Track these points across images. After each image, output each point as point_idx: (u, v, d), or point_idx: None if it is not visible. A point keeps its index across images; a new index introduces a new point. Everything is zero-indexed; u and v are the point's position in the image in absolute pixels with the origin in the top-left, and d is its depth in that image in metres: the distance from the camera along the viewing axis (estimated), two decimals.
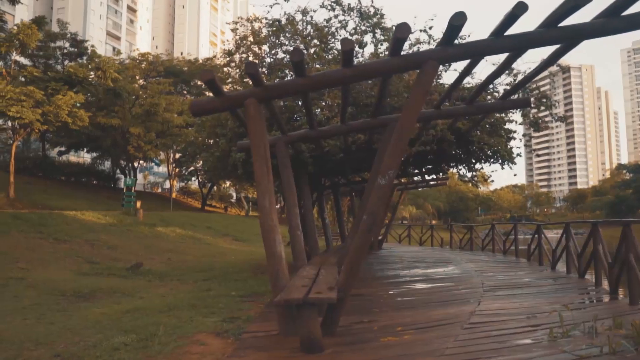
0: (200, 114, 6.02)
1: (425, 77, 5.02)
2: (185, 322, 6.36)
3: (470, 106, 7.75)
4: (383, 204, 5.17)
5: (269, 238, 5.48)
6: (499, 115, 11.33)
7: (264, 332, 5.54)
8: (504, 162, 11.87)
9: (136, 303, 8.35)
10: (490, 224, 20.51)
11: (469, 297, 7.65)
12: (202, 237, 23.78)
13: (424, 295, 8.25)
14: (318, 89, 5.74)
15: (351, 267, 5.23)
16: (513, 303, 7.04)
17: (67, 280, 10.62)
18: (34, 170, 34.94)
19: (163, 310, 7.33)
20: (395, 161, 5.09)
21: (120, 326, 6.31)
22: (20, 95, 21.69)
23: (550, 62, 5.86)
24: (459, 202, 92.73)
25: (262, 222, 5.54)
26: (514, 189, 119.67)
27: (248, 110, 5.59)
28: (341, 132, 8.64)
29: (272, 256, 5.44)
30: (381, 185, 5.10)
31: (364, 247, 5.22)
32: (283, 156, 8.56)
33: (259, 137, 5.59)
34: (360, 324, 5.89)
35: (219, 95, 5.79)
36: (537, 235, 13.29)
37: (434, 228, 27.48)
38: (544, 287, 8.75)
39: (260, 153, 5.57)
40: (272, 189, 5.57)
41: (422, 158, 13.24)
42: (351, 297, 8.08)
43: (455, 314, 6.32)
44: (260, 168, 5.55)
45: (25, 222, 15.84)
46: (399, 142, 5.07)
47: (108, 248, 15.84)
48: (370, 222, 5.14)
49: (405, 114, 5.07)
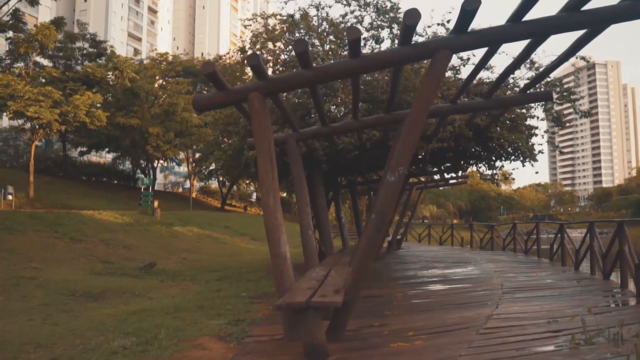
0: (203, 109, 5.80)
1: (437, 67, 4.72)
2: (189, 324, 6.16)
3: (488, 100, 7.40)
4: (392, 202, 4.88)
5: (273, 238, 5.23)
6: (520, 110, 10.94)
7: (269, 337, 5.31)
8: (525, 159, 11.46)
9: (144, 304, 8.19)
10: (511, 223, 20.02)
11: (486, 300, 7.31)
12: (220, 236, 23.69)
13: (440, 297, 7.94)
14: (325, 82, 5.48)
15: (359, 269, 4.96)
16: (533, 306, 6.69)
17: (78, 280, 10.54)
18: (55, 170, 35.32)
19: (169, 312, 7.15)
20: (405, 157, 4.80)
21: (123, 328, 6.13)
22: (38, 95, 21.85)
23: (574, 51, 5.49)
24: (480, 201, 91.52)
25: (266, 221, 5.30)
26: (537, 188, 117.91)
27: (252, 105, 5.36)
28: (354, 129, 8.35)
29: (276, 256, 5.19)
30: (390, 183, 4.82)
31: (372, 247, 4.94)
32: (294, 153, 8.32)
33: (263, 132, 5.35)
34: (370, 328, 5.62)
35: (222, 89, 5.56)
36: (560, 234, 12.85)
37: (455, 227, 27.07)
38: (567, 289, 8.36)
39: (264, 149, 5.32)
40: (276, 187, 5.32)
41: (440, 156, 12.89)
42: (364, 298, 7.83)
43: (471, 318, 6.01)
44: (264, 164, 5.31)
45: (42, 222, 15.88)
46: (409, 137, 4.78)
47: (123, 248, 15.79)
48: (379, 221, 4.86)
49: (415, 107, 4.78)
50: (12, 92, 21.62)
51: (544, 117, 11.21)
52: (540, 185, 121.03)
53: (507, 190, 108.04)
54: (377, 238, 4.92)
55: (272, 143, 5.41)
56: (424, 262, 14.46)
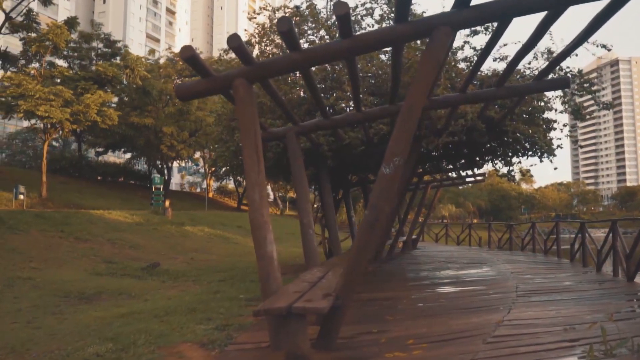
0: (187, 98, 5.38)
1: (436, 46, 4.22)
2: (175, 329, 5.75)
3: (500, 89, 6.86)
4: (389, 196, 4.40)
5: (259, 236, 4.79)
6: (537, 103, 10.34)
7: (254, 344, 4.87)
8: (543, 154, 10.86)
9: (137, 306, 7.83)
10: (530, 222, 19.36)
11: (498, 304, 6.78)
12: (231, 236, 23.35)
13: (449, 301, 7.41)
14: (315, 65, 5.04)
15: (352, 271, 4.48)
16: (549, 311, 6.15)
17: (76, 281, 10.23)
18: (70, 170, 35.41)
19: (159, 315, 6.75)
20: (402, 146, 4.31)
21: (106, 333, 5.75)
22: (49, 95, 21.74)
23: (593, 29, 4.95)
24: (501, 201, 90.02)
25: (252, 218, 4.87)
26: (559, 187, 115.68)
27: (237, 92, 4.92)
28: (357, 121, 7.87)
29: (262, 257, 4.75)
30: (385, 175, 4.34)
31: (366, 247, 4.46)
32: (294, 148, 7.88)
33: (248, 122, 4.91)
34: (367, 335, 5.15)
35: (205, 75, 5.14)
36: (581, 234, 12.20)
37: (473, 227, 26.43)
38: (587, 292, 7.77)
39: (249, 140, 4.88)
40: (263, 181, 4.87)
41: (454, 151, 12.37)
42: (366, 302, 7.35)
43: (479, 324, 5.49)
44: (250, 157, 4.87)
45: (48, 221, 15.67)
46: (406, 124, 4.29)
47: (130, 247, 15.52)
48: (373, 218, 4.38)
49: (412, 90, 4.29)
50: (23, 91, 21.56)
51: (562, 109, 10.56)
52: (562, 185, 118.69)
53: (529, 190, 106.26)
54: (371, 237, 4.44)
55: (259, 133, 4.96)
56: (438, 262, 13.92)
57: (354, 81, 5.98)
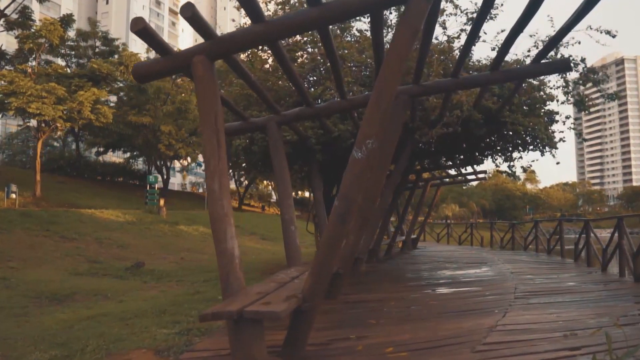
0: (145, 79, 4.87)
1: (412, 13, 3.68)
2: (135, 333, 5.25)
3: (495, 72, 6.31)
4: (361, 185, 3.87)
5: (219, 230, 4.26)
6: (537, 93, 9.80)
7: (213, 351, 4.35)
8: (544, 147, 10.31)
9: (108, 308, 7.33)
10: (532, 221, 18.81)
11: (494, 306, 6.24)
12: None
13: (441, 303, 6.86)
14: (283, 37, 4.52)
15: (320, 270, 3.95)
16: (548, 314, 5.60)
17: (53, 281, 9.74)
18: (68, 170, 34.98)
19: (126, 318, 6.25)
20: (374, 127, 3.79)
21: (60, 337, 5.25)
22: (41, 92, 21.28)
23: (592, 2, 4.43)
24: (505, 201, 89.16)
25: (211, 210, 4.34)
26: (565, 187, 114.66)
27: (196, 70, 4.41)
28: (343, 109, 7.33)
29: (222, 253, 4.22)
30: (357, 161, 3.82)
31: (336, 243, 3.93)
32: (275, 139, 7.36)
33: (209, 103, 4.39)
34: (343, 342, 4.62)
35: (165, 53, 4.64)
36: (586, 232, 11.63)
37: (474, 226, 25.89)
38: (591, 294, 7.21)
39: (209, 123, 4.36)
40: (223, 169, 4.35)
41: (452, 146, 11.83)
42: (352, 304, 6.81)
43: (470, 329, 4.95)
44: (210, 142, 4.35)
45: (34, 220, 15.21)
46: (379, 102, 3.76)
47: (118, 247, 15.02)
48: (344, 210, 3.86)
49: (387, 63, 3.76)
50: (15, 88, 21.12)
51: (564, 100, 9.98)
52: (567, 185, 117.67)
53: (533, 190, 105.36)
54: (342, 231, 3.91)
55: (221, 116, 4.44)
56: (436, 262, 13.39)
57: (332, 60, 5.45)
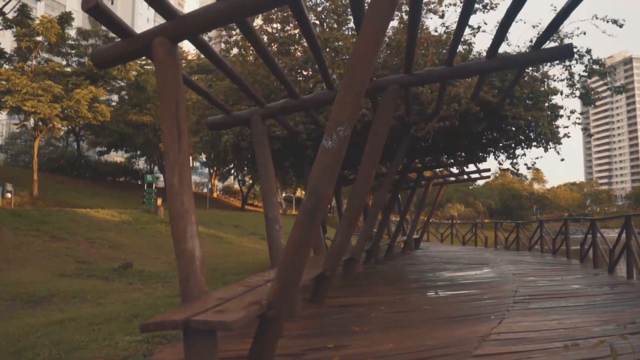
0: (104, 65, 4.46)
1: None
2: (98, 340, 4.85)
3: (492, 60, 5.87)
4: (332, 177, 3.43)
5: (179, 228, 3.87)
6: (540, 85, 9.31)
7: None
8: (548, 143, 9.82)
9: (82, 311, 6.93)
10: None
11: (490, 311, 5.77)
12: (225, 235, 22.41)
13: (435, 307, 6.40)
14: (250, 14, 4.08)
15: (286, 274, 3.52)
16: (549, 321, 5.14)
17: (34, 283, 9.36)
18: (69, 169, 34.70)
19: (95, 323, 5.83)
20: (347, 111, 3.34)
21: (17, 345, 4.85)
22: (37, 90, 20.95)
23: None
24: (512, 201, 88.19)
25: (170, 207, 3.95)
26: (572, 187, 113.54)
27: (156, 53, 3.99)
28: (330, 100, 6.89)
29: (181, 254, 3.81)
30: (327, 150, 3.37)
31: (304, 243, 3.49)
32: (260, 133, 6.97)
33: (169, 89, 3.97)
34: (318, 352, 4.18)
35: (124, 36, 4.22)
36: (592, 232, 11.12)
37: (478, 226, 25.36)
38: (596, 297, 6.73)
39: (170, 110, 3.93)
40: (185, 161, 3.92)
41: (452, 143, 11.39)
42: (338, 308, 6.35)
43: (461, 338, 4.50)
44: (169, 132, 3.92)
45: (24, 220, 14.84)
46: (352, 83, 3.32)
47: (110, 247, 14.62)
48: (312, 206, 3.42)
49: (361, 37, 3.32)
50: (10, 86, 20.80)
51: (569, 93, 9.48)
52: (575, 184, 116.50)
53: (541, 190, 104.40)
54: (311, 230, 3.47)
55: (183, 103, 4.01)
56: (436, 263, 12.92)
57: (311, 43, 5.01)
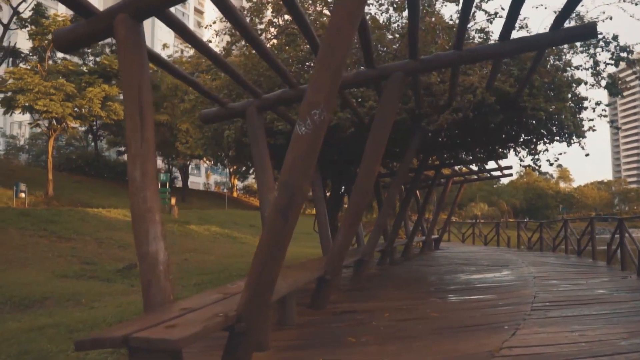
0: (68, 48, 4.08)
1: None
2: (69, 350, 4.45)
3: (505, 42, 5.30)
4: (307, 169, 2.95)
5: (140, 229, 3.45)
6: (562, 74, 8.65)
7: None
8: (572, 136, 9.17)
9: (70, 316, 6.54)
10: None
11: (504, 320, 5.21)
12: (240, 235, 22.08)
13: (443, 315, 5.85)
14: None
15: (257, 281, 3.04)
16: (570, 332, 4.56)
17: (31, 284, 9.05)
18: (87, 169, 34.85)
19: (77, 329, 5.44)
20: (322, 92, 2.85)
21: None
22: (49, 88, 20.90)
23: None
24: (537, 199, 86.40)
25: (131, 204, 3.52)
26: (599, 186, 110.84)
27: (117, 32, 3.57)
28: None
29: (143, 258, 3.39)
30: (300, 137, 2.89)
31: (276, 245, 3.02)
32: (255, 126, 6.53)
33: (132, 72, 3.54)
34: None
35: (87, 15, 3.81)
36: (619, 232, 10.42)
37: (502, 226, 24.64)
38: (624, 305, 6.10)
39: (132, 96, 3.50)
40: (148, 153, 3.49)
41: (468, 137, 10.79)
42: (338, 315, 5.84)
43: (466, 354, 3.97)
44: (132, 119, 3.49)
45: (32, 219, 14.66)
46: (329, 58, 2.83)
47: (119, 247, 14.35)
48: (285, 202, 2.94)
49: (339, 4, 2.83)
50: (23, 85, 20.81)
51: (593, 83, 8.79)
52: (602, 183, 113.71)
53: (567, 189, 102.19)
54: (284, 229, 2.99)
55: (147, 87, 3.58)
56: (454, 264, 12.36)
57: (303, 26, 4.53)
